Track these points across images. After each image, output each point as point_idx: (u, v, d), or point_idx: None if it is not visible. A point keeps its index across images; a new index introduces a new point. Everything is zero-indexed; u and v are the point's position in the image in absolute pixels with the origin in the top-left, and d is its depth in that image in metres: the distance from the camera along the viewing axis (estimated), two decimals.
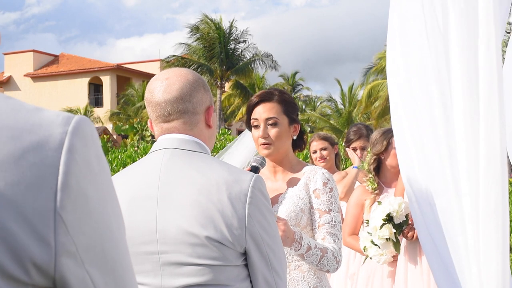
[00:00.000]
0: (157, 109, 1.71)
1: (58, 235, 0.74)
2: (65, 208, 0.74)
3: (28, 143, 0.74)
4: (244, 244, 1.60)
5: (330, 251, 2.26)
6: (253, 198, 1.60)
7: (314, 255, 2.22)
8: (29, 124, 0.75)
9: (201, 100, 1.73)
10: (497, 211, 1.85)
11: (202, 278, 1.59)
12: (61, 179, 0.74)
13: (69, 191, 0.74)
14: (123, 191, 1.68)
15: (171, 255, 1.61)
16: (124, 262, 0.84)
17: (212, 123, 1.77)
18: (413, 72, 2.07)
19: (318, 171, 2.38)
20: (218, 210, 1.57)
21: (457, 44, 1.91)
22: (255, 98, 2.42)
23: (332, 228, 2.31)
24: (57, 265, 0.74)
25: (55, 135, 0.75)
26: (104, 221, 0.79)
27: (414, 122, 2.09)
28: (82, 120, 0.78)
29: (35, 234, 0.72)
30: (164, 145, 1.70)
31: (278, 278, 1.67)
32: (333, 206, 2.33)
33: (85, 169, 0.77)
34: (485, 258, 1.88)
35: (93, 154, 0.79)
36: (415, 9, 2.02)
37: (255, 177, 1.64)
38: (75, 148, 0.75)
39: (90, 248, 0.77)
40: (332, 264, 2.26)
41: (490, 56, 1.83)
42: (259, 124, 2.38)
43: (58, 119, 0.77)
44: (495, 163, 1.85)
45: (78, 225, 0.75)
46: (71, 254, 0.75)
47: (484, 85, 1.84)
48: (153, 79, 1.76)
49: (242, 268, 1.64)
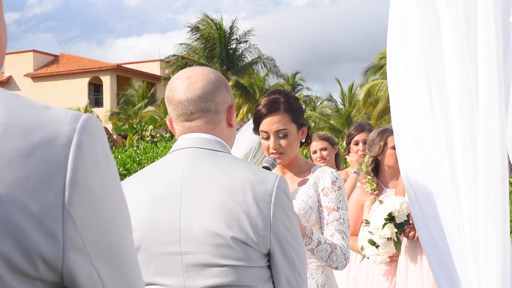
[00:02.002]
0: (178, 107, 1.69)
1: (66, 230, 0.75)
2: (73, 203, 0.75)
3: (37, 140, 0.75)
4: (268, 245, 1.59)
5: (339, 248, 2.26)
6: (277, 198, 1.59)
7: (323, 250, 2.23)
8: (38, 121, 0.76)
9: (223, 99, 1.72)
10: (497, 211, 1.85)
11: (226, 279, 1.58)
12: (70, 175, 0.75)
13: (77, 187, 0.76)
14: (144, 190, 1.66)
15: (195, 255, 1.58)
16: (130, 257, 0.85)
17: (233, 123, 1.76)
18: (413, 72, 2.07)
19: (327, 170, 2.41)
20: (243, 210, 1.55)
21: (456, 44, 1.91)
22: (262, 108, 2.40)
23: (341, 225, 2.32)
24: (64, 260, 0.75)
25: (64, 132, 0.76)
26: (111, 217, 0.81)
27: (414, 121, 2.09)
28: (90, 118, 0.80)
29: (43, 229, 0.74)
30: (186, 144, 1.68)
31: (301, 280, 1.66)
32: (341, 204, 2.35)
33: (92, 165, 0.78)
34: (485, 258, 1.88)
35: (101, 152, 0.80)
36: (415, 8, 2.02)
37: (279, 177, 1.63)
38: (83, 145, 0.77)
39: (97, 243, 0.78)
40: (341, 260, 2.27)
41: (490, 55, 1.83)
42: (269, 136, 2.39)
43: (66, 117, 0.78)
44: (495, 163, 1.84)
45: (86, 221, 0.77)
46: (79, 249, 0.76)
47: (484, 85, 1.84)
48: (174, 78, 1.75)
49: (265, 269, 1.63)
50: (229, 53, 32.22)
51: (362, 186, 3.69)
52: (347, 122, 32.37)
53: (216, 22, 32.30)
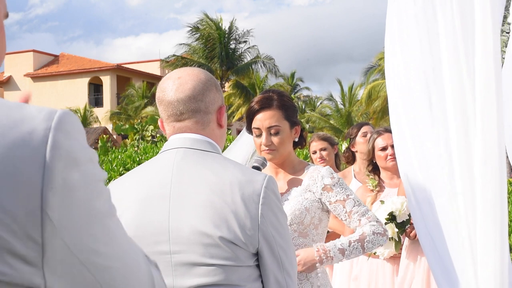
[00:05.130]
0: (169, 108, 1.70)
1: (46, 232, 0.73)
2: (52, 205, 0.73)
3: (11, 140, 0.73)
4: (256, 244, 1.60)
5: (368, 233, 2.30)
6: (266, 198, 1.60)
7: (355, 250, 2.28)
8: (12, 121, 0.74)
9: (213, 99, 1.72)
10: (495, 210, 1.85)
11: (214, 278, 1.59)
12: (47, 177, 0.73)
13: (55, 188, 0.73)
14: (135, 190, 1.67)
15: (184, 255, 1.60)
16: (121, 241, 0.83)
17: (223, 123, 1.76)
18: (411, 72, 2.07)
19: (321, 169, 2.41)
20: (231, 210, 1.57)
21: (454, 44, 1.91)
22: (255, 105, 2.42)
23: (359, 208, 2.36)
24: (45, 262, 0.73)
25: (38, 131, 0.74)
26: (93, 209, 0.79)
27: (413, 121, 2.09)
28: (64, 113, 0.77)
29: (22, 232, 0.72)
30: (176, 145, 1.69)
31: (289, 279, 1.67)
32: (348, 191, 2.37)
33: (71, 163, 0.76)
34: (483, 258, 1.89)
35: (78, 147, 0.78)
36: (413, 9, 2.03)
37: (268, 177, 1.64)
38: (59, 143, 0.75)
39: (80, 241, 0.76)
40: (378, 239, 2.31)
41: (487, 56, 1.83)
42: (261, 132, 2.39)
43: (40, 115, 0.76)
44: (492, 163, 1.85)
45: (66, 220, 0.75)
46: (60, 249, 0.74)
47: (481, 85, 1.84)
48: (165, 78, 1.76)
49: (254, 268, 1.64)
50: (229, 53, 32.22)
51: (364, 185, 3.71)
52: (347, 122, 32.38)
53: (216, 22, 32.30)
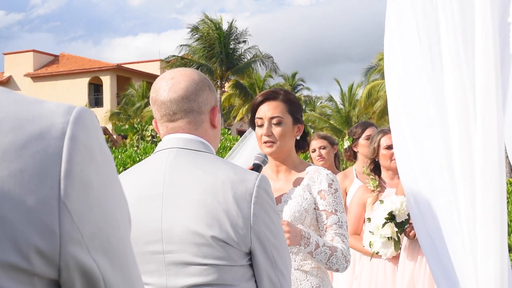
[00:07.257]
0: (162, 108, 1.71)
1: (63, 224, 0.74)
2: (69, 196, 0.74)
3: (30, 133, 0.74)
4: (249, 244, 1.60)
5: (339, 250, 2.27)
6: (258, 197, 1.60)
7: (322, 253, 2.24)
8: (31, 115, 0.75)
9: (206, 100, 1.73)
10: (495, 211, 1.86)
11: (207, 278, 1.60)
12: (65, 168, 0.74)
13: (73, 179, 0.75)
14: (128, 190, 1.67)
15: (176, 254, 1.61)
16: (128, 249, 0.84)
17: (217, 123, 1.77)
18: (411, 72, 2.07)
19: (322, 172, 2.39)
20: (223, 210, 1.57)
21: (454, 44, 1.91)
22: (260, 96, 2.44)
23: (340, 228, 2.33)
24: (62, 254, 0.74)
25: (57, 124, 0.75)
26: (108, 210, 0.80)
27: (413, 121, 2.09)
28: (83, 110, 0.78)
29: (39, 223, 0.73)
30: (169, 145, 1.70)
31: (283, 278, 1.67)
32: (339, 207, 2.35)
33: (88, 157, 0.77)
34: (483, 259, 1.89)
35: (95, 143, 0.79)
36: (412, 8, 2.03)
37: (260, 176, 1.64)
38: (77, 137, 0.76)
39: (95, 236, 0.77)
40: (342, 263, 2.27)
41: (487, 56, 1.83)
42: (263, 122, 2.39)
43: (59, 110, 0.77)
44: (492, 163, 1.85)
45: (83, 213, 0.76)
46: (77, 242, 0.75)
47: (481, 85, 1.85)
48: (159, 79, 1.77)
49: (247, 268, 1.64)
50: (229, 53, 32.20)
51: (365, 185, 3.71)
52: (347, 122, 32.38)
53: (216, 22, 32.29)
